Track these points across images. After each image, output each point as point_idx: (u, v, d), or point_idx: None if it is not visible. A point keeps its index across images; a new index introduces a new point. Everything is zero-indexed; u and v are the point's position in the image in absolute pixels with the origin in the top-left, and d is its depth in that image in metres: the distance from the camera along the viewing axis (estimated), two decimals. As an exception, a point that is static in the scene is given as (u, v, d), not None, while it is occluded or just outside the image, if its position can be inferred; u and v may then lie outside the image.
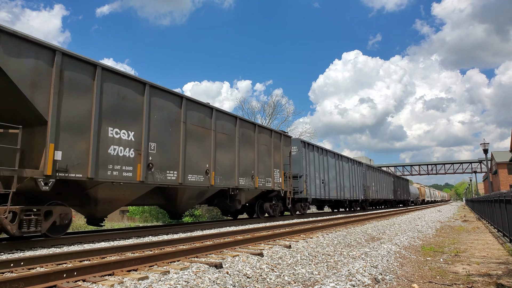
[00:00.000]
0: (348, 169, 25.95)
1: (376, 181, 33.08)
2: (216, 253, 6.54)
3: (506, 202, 9.75)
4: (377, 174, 33.70)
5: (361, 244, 9.51)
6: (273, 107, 43.12)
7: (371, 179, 31.42)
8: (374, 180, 32.57)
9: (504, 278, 5.58)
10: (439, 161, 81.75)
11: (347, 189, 25.39)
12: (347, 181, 25.53)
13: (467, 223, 18.98)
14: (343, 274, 5.38)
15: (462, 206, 60.02)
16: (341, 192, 24.07)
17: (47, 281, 4.21)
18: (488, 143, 27.10)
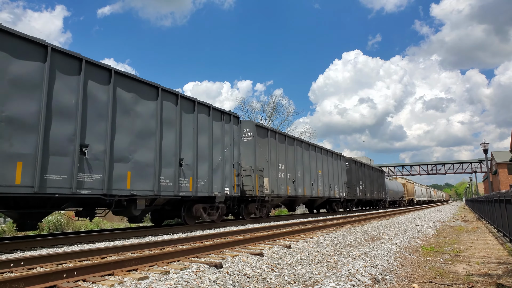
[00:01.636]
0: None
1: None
2: (216, 253, 6.54)
3: (506, 202, 9.75)
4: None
5: (361, 244, 9.51)
6: (273, 107, 43.12)
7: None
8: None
9: (504, 278, 5.58)
10: (439, 161, 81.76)
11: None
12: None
13: (467, 223, 18.98)
14: (343, 274, 5.38)
15: (462, 206, 60.01)
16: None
17: (47, 281, 4.21)
18: (488, 143, 27.08)
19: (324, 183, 21.86)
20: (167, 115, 10.52)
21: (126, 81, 9.43)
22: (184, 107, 11.16)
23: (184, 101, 11.17)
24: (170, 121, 10.63)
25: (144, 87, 9.98)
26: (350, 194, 26.09)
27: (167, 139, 10.45)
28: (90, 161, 8.27)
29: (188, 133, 11.19)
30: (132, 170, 9.29)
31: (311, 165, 20.32)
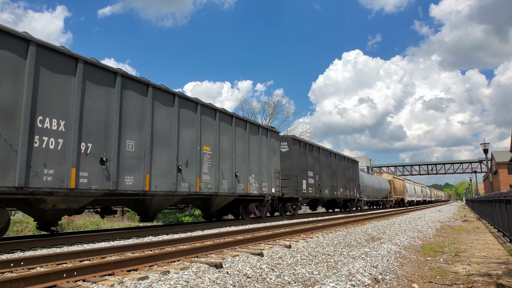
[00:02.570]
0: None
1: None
2: (216, 253, 6.54)
3: (506, 202, 9.75)
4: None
5: (361, 244, 9.51)
6: (273, 107, 43.10)
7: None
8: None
9: (504, 278, 5.58)
10: (439, 161, 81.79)
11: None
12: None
13: (467, 223, 18.98)
14: (343, 274, 5.38)
15: (462, 206, 60.00)
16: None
17: (47, 281, 4.21)
18: (488, 143, 27.09)
19: (258, 175, 14.97)
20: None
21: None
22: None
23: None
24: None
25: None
26: (288, 190, 17.30)
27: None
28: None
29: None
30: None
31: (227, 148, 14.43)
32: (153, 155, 9.82)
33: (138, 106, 9.56)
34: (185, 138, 11.09)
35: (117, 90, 8.93)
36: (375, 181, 35.32)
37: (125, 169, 8.94)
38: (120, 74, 9.03)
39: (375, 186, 34.78)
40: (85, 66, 8.20)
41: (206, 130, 12.08)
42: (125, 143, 9.06)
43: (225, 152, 12.94)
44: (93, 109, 8.33)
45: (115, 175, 8.62)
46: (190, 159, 11.21)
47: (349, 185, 26.43)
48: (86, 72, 8.22)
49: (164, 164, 10.15)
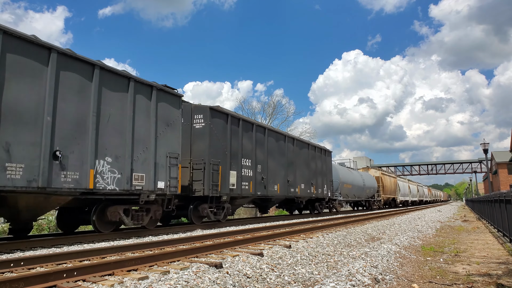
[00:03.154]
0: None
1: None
2: (216, 253, 6.54)
3: (506, 202, 9.75)
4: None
5: (361, 244, 9.51)
6: (273, 107, 43.05)
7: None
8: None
9: (504, 278, 5.58)
10: (439, 161, 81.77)
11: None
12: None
13: (467, 223, 18.98)
14: (343, 274, 5.38)
15: (462, 206, 60.01)
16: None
17: (47, 281, 4.21)
18: (488, 143, 27.10)
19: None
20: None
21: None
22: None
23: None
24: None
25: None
26: (201, 185, 12.02)
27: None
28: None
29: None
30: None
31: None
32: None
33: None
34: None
35: None
36: (356, 177, 28.99)
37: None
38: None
39: (357, 183, 28.57)
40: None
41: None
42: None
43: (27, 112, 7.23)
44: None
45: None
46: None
47: (316, 181, 20.53)
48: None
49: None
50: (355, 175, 29.38)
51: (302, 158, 19.34)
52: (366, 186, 30.68)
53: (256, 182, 14.81)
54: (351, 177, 28.07)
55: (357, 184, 28.91)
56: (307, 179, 19.61)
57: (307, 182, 19.67)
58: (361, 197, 30.39)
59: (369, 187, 31.54)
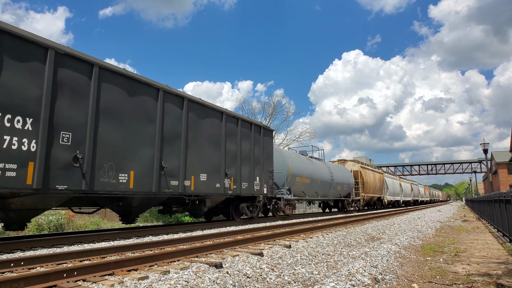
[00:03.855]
0: None
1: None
2: (216, 253, 6.54)
3: (506, 202, 9.76)
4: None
5: (361, 244, 9.51)
6: (273, 107, 43.02)
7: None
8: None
9: (504, 278, 5.59)
10: (439, 161, 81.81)
11: None
12: None
13: (467, 223, 18.98)
14: (343, 274, 5.38)
15: (462, 206, 60.01)
16: None
17: (47, 281, 4.21)
18: (488, 143, 27.12)
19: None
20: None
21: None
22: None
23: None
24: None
25: None
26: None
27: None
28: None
29: None
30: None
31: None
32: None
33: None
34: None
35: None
36: (319, 169, 21.79)
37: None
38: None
39: (320, 177, 21.56)
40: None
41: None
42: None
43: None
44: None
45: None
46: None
47: (239, 171, 13.49)
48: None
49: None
50: (318, 167, 21.95)
51: (204, 133, 11.85)
52: (337, 182, 24.00)
53: (75, 170, 7.72)
54: (310, 168, 20.55)
55: (322, 179, 21.83)
56: (214, 167, 12.09)
57: (216, 171, 12.15)
58: (328, 196, 23.24)
59: (341, 183, 24.85)
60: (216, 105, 12.97)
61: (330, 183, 23.21)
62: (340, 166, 27.72)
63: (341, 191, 25.38)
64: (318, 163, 23.22)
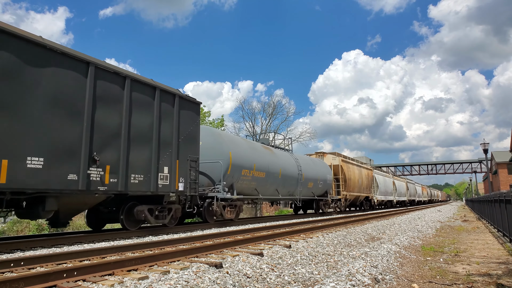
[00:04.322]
0: None
1: None
2: (216, 253, 6.54)
3: (506, 202, 9.76)
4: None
5: (361, 244, 9.51)
6: (273, 107, 43.01)
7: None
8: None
9: (504, 278, 5.58)
10: (439, 161, 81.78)
11: None
12: None
13: (467, 223, 18.98)
14: (343, 274, 5.38)
15: (462, 206, 60.02)
16: None
17: (47, 281, 4.21)
18: (488, 143, 27.10)
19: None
20: None
21: None
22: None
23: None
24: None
25: None
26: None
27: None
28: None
29: None
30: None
31: None
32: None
33: None
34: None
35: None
36: (282, 160, 17.38)
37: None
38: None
39: (284, 171, 17.16)
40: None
41: None
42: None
43: None
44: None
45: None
46: None
47: (120, 156, 9.06)
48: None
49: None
50: (279, 158, 17.20)
51: (38, 90, 7.41)
52: (307, 178, 19.39)
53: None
54: (266, 159, 15.89)
55: (284, 173, 17.15)
56: (65, 147, 7.84)
57: (69, 153, 7.84)
58: (295, 195, 18.79)
59: (314, 179, 20.18)
60: (69, 48, 8.08)
61: (297, 179, 18.43)
62: (315, 159, 22.82)
63: (314, 189, 20.61)
64: (281, 153, 18.00)
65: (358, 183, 27.55)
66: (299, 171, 18.86)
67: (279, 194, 17.20)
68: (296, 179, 18.56)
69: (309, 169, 20.06)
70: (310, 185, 20.14)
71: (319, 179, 21.07)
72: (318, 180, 20.97)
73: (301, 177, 18.98)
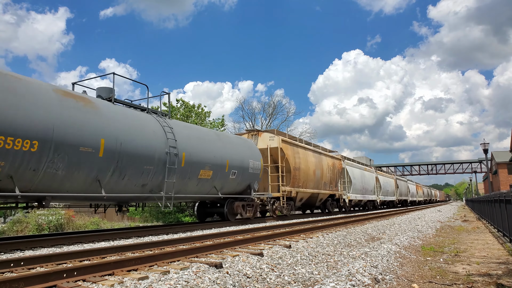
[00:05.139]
0: None
1: None
2: (216, 253, 6.54)
3: (506, 202, 9.75)
4: None
5: (361, 244, 9.51)
6: (273, 107, 42.97)
7: None
8: None
9: (504, 278, 5.58)
10: (439, 161, 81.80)
11: None
12: None
13: (467, 223, 18.98)
14: (343, 274, 5.38)
15: (462, 206, 60.04)
16: None
17: (47, 281, 4.21)
18: (488, 143, 27.13)
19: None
20: None
21: None
22: None
23: None
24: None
25: None
26: None
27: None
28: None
29: None
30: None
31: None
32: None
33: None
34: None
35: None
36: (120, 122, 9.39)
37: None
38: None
39: (136, 146, 9.53)
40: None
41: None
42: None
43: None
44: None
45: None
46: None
47: None
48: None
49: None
50: (134, 118, 10.10)
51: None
52: (199, 162, 11.79)
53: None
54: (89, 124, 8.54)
55: (126, 146, 9.34)
56: None
57: None
58: (154, 190, 10.54)
59: (217, 165, 12.58)
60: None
61: (164, 161, 10.35)
62: (232, 136, 16.14)
63: (219, 183, 12.86)
64: (131, 112, 10.38)
65: (315, 176, 20.20)
66: (170, 147, 10.43)
67: (102, 189, 8.99)
68: (162, 162, 10.29)
69: (203, 148, 12.01)
70: (206, 175, 12.05)
71: (228, 165, 13.00)
72: (225, 167, 12.86)
73: (178, 159, 10.72)
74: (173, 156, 10.56)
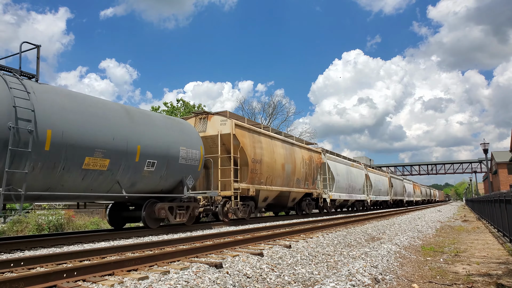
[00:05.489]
0: None
1: None
2: (216, 253, 6.54)
3: (506, 202, 9.75)
4: None
5: (361, 244, 9.51)
6: (273, 107, 42.95)
7: None
8: None
9: (504, 278, 5.58)
10: (439, 161, 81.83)
11: None
12: None
13: (467, 223, 18.98)
14: (343, 274, 5.38)
15: (462, 206, 60.04)
16: None
17: (47, 281, 4.21)
18: (488, 143, 27.14)
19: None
20: None
21: None
22: None
23: None
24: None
25: None
26: None
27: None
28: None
29: None
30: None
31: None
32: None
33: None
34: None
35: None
36: None
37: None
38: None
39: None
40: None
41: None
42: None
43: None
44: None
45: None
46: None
47: None
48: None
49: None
50: None
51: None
52: (111, 148, 8.57)
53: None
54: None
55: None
56: None
57: None
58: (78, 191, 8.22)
59: (122, 153, 8.84)
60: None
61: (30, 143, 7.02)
62: (155, 114, 11.58)
63: (127, 177, 9.32)
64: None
65: (285, 171, 16.68)
66: (18, 120, 7.05)
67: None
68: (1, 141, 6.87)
69: (91, 126, 8.28)
70: (98, 165, 8.43)
71: (139, 152, 9.37)
72: (134, 155, 9.28)
73: (37, 139, 7.31)
74: (24, 134, 7.00)
